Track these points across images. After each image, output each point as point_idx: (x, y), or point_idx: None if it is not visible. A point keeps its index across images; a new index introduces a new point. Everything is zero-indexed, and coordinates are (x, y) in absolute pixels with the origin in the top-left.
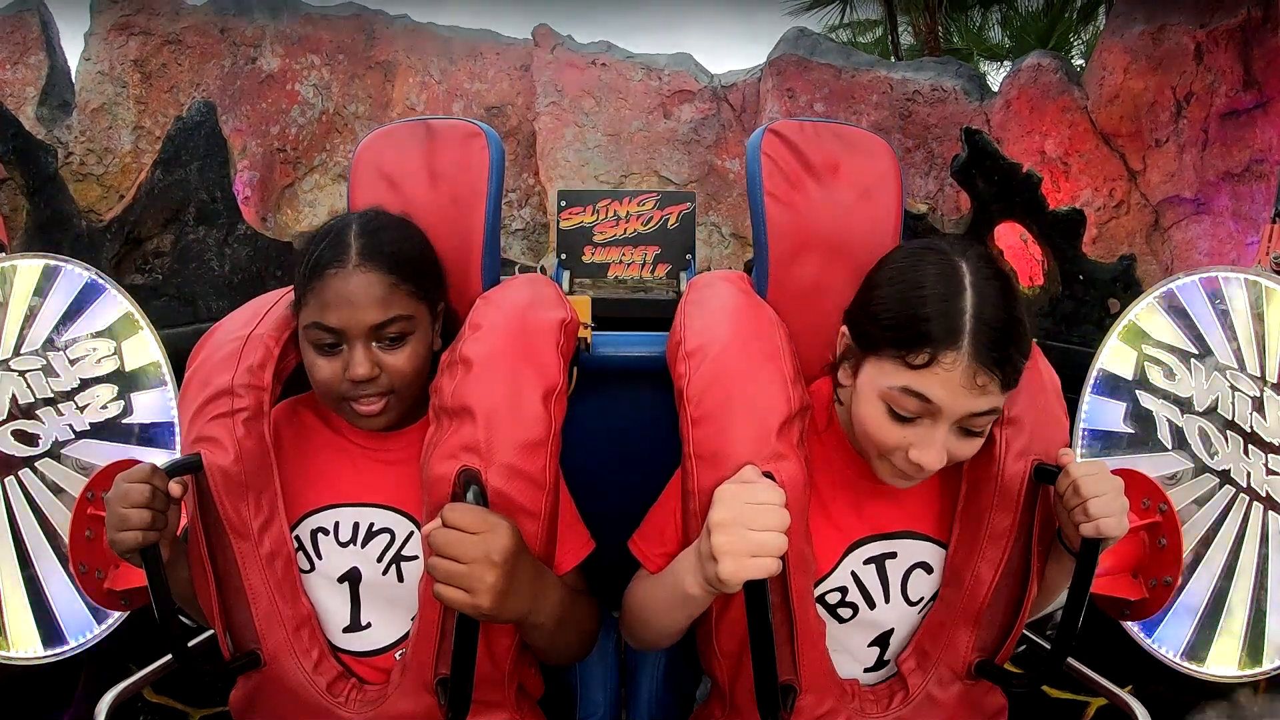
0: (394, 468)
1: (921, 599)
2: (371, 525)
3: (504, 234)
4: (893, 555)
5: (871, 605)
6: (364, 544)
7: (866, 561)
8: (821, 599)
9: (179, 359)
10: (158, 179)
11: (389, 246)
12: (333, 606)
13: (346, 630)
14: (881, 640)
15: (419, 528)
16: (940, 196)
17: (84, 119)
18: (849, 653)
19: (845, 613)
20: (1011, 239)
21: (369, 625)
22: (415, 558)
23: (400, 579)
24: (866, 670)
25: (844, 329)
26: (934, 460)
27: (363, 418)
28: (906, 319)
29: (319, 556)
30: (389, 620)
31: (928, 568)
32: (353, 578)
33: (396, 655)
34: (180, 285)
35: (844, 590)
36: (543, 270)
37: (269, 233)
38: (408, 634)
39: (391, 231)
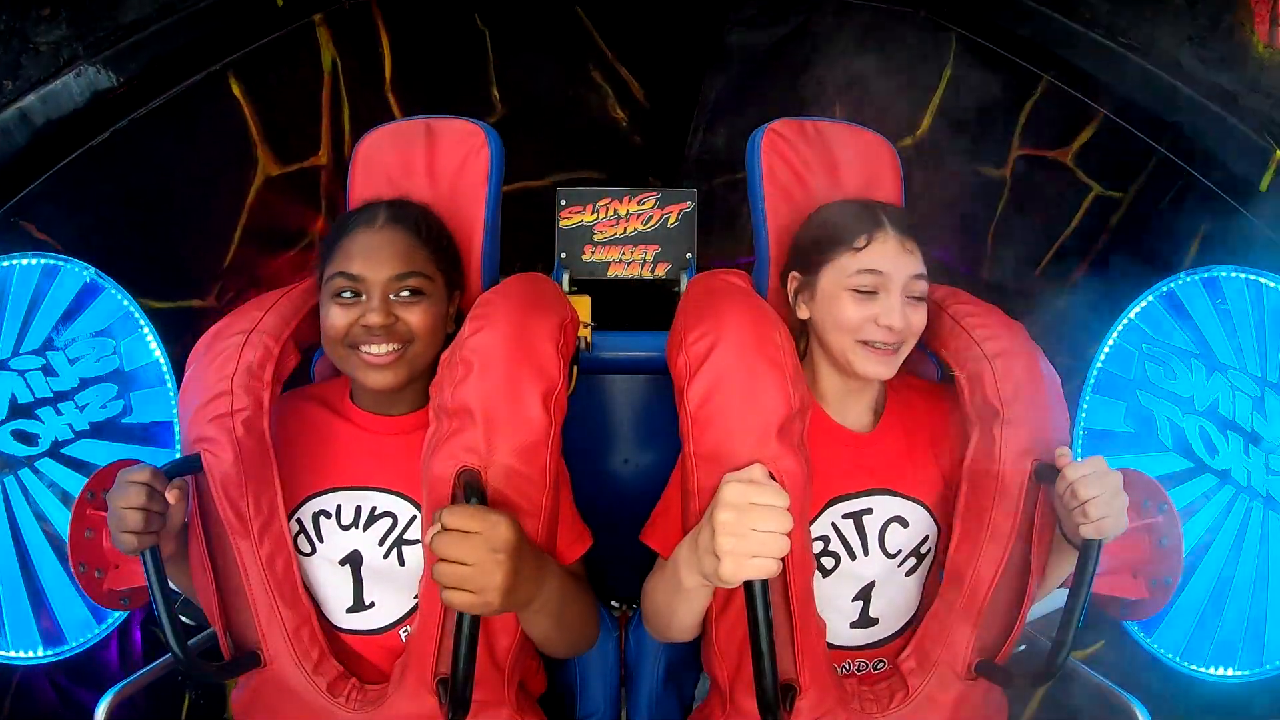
0: (396, 452)
1: (900, 551)
2: (374, 509)
3: None
4: (869, 511)
5: (852, 557)
6: (365, 527)
7: (845, 516)
8: None
9: None
10: None
11: (415, 214)
12: (336, 588)
13: (350, 610)
14: (864, 594)
15: (420, 511)
16: None
17: None
18: (834, 608)
19: (828, 563)
20: None
21: (372, 605)
22: (416, 542)
23: (401, 563)
24: (852, 625)
25: (791, 275)
26: (898, 319)
27: (371, 370)
28: (842, 225)
29: (320, 539)
30: (392, 599)
31: (903, 522)
32: (354, 560)
33: (401, 633)
34: None
35: (825, 540)
36: None
37: None
38: (412, 611)
39: (418, 208)
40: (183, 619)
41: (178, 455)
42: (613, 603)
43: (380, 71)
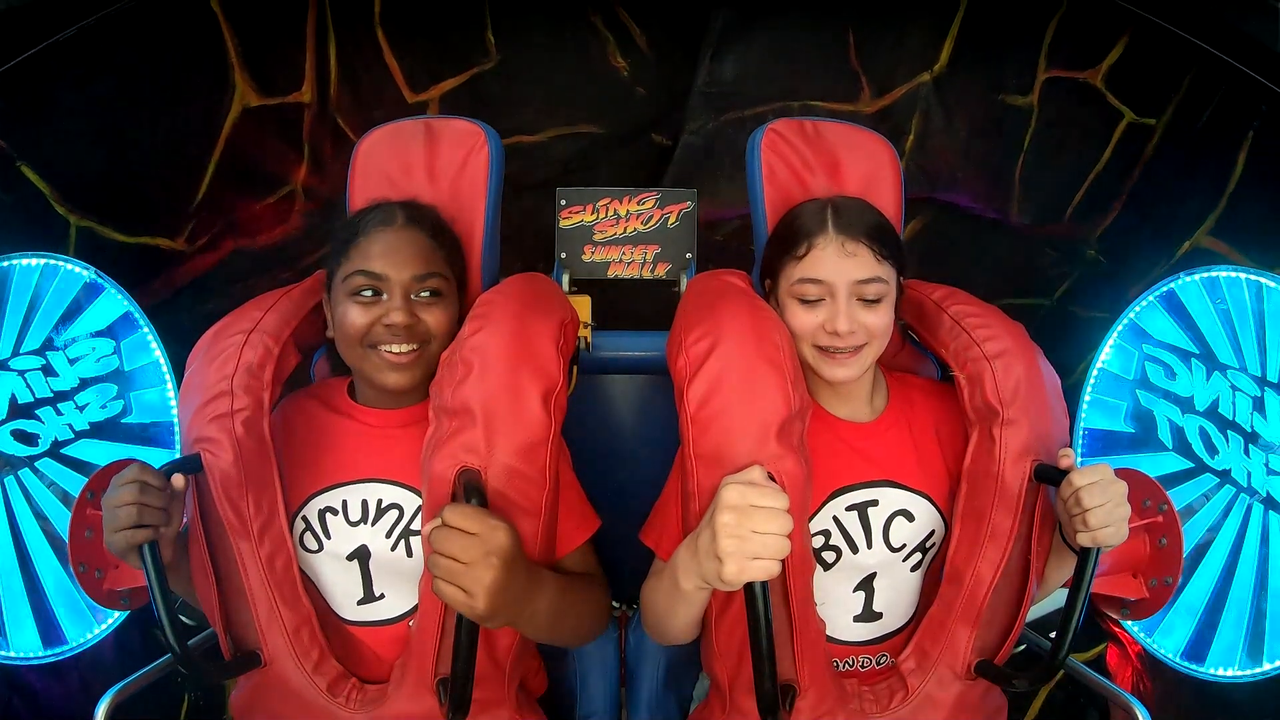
0: (400, 444)
1: (904, 545)
2: (380, 501)
3: None
4: (874, 503)
5: (854, 550)
6: (374, 521)
7: (849, 508)
8: None
9: None
10: None
11: (431, 217)
12: (344, 583)
13: (361, 603)
14: (866, 585)
15: None
16: None
17: None
18: (836, 601)
19: (829, 556)
20: None
21: (382, 596)
22: None
23: (409, 554)
24: (855, 619)
25: (765, 280)
26: (844, 324)
27: (390, 369)
28: (789, 231)
29: (327, 536)
30: (402, 590)
31: (909, 515)
32: (362, 555)
33: (410, 624)
34: None
35: (826, 534)
36: None
37: None
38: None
39: (432, 210)
40: (183, 619)
41: (178, 455)
42: (613, 603)
43: (370, 3)
